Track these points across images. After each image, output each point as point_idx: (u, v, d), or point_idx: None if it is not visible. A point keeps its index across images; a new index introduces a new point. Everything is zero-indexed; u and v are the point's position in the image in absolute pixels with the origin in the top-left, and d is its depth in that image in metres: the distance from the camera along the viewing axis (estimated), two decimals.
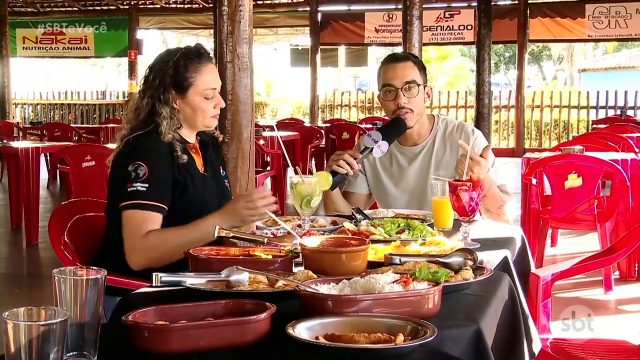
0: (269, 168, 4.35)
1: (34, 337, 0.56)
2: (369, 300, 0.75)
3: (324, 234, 1.11)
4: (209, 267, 0.93)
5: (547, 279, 1.27)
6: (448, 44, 9.52)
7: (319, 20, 8.58)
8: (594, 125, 6.20)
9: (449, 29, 8.12)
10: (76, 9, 9.12)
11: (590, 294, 2.51)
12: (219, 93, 1.30)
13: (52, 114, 9.89)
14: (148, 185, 1.20)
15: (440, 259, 0.92)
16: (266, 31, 9.50)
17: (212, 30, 8.10)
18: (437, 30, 8.12)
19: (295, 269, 0.96)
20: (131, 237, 1.19)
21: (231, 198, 1.41)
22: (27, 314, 0.58)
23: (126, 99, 9.20)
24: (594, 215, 2.56)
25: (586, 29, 7.66)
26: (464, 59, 15.96)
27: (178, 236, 1.20)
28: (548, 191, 2.82)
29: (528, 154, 3.29)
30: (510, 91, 8.66)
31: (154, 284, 0.84)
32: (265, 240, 1.08)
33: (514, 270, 1.11)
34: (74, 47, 9.25)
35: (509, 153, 7.77)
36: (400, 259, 0.93)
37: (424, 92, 1.56)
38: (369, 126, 5.48)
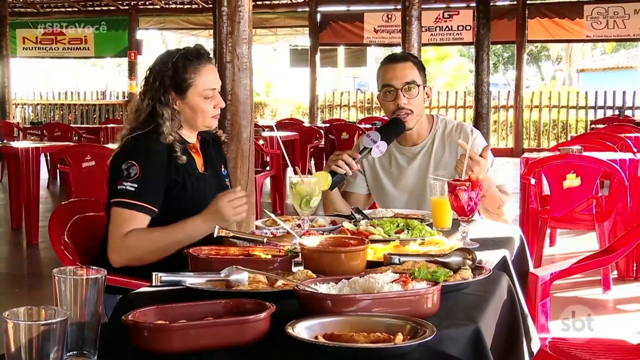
0: (268, 168, 4.35)
1: (34, 337, 0.56)
2: (368, 299, 0.76)
3: (323, 234, 1.11)
4: (209, 266, 0.93)
5: (545, 278, 1.27)
6: (447, 45, 9.52)
7: (318, 20, 8.58)
8: (593, 126, 6.22)
9: (447, 29, 8.12)
10: (76, 9, 9.11)
11: (588, 293, 2.51)
12: (218, 93, 1.30)
13: (52, 114, 9.88)
14: (137, 185, 1.20)
15: (439, 259, 0.93)
16: (265, 31, 9.50)
17: (211, 31, 8.10)
18: (436, 31, 8.13)
19: (294, 269, 0.97)
20: (113, 235, 1.20)
21: None
22: (27, 314, 0.58)
23: (126, 99, 9.20)
24: (592, 215, 2.56)
25: (585, 30, 7.67)
26: (462, 59, 15.97)
27: (161, 236, 1.20)
28: (547, 191, 2.82)
29: (527, 154, 3.31)
30: (509, 91, 8.65)
31: (153, 284, 0.84)
32: (265, 240, 1.08)
33: (512, 270, 1.12)
34: (73, 48, 9.24)
35: (507, 153, 7.78)
36: (399, 259, 0.93)
37: (423, 92, 1.56)
38: (368, 126, 5.48)
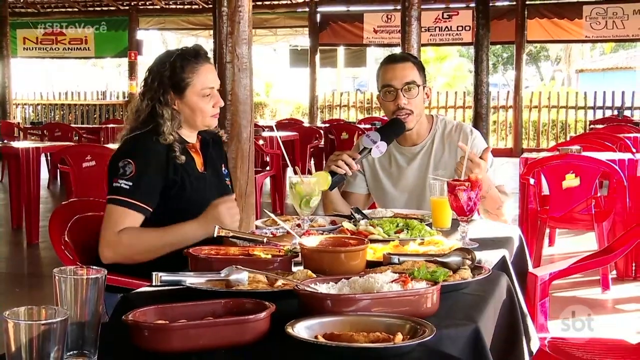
0: (268, 168, 4.36)
1: (34, 336, 0.56)
2: (368, 299, 0.76)
3: (323, 234, 1.11)
4: (209, 266, 0.93)
5: (544, 278, 1.27)
6: (446, 45, 9.53)
7: (318, 21, 8.59)
8: (592, 126, 6.23)
9: (447, 29, 8.13)
10: (76, 9, 9.12)
11: (587, 293, 2.51)
12: (217, 92, 1.30)
13: (52, 114, 9.89)
14: (132, 183, 1.20)
15: (439, 259, 0.93)
16: (265, 32, 9.50)
17: (211, 31, 8.10)
18: (436, 31, 8.13)
19: (294, 269, 0.97)
20: (106, 231, 1.20)
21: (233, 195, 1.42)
22: (27, 313, 0.58)
23: (126, 99, 9.20)
24: (591, 215, 2.57)
25: (583, 30, 7.68)
26: (462, 59, 15.98)
27: (156, 237, 1.20)
28: (546, 191, 2.83)
29: (526, 154, 3.31)
30: (508, 91, 8.66)
31: (154, 283, 0.85)
32: (265, 239, 1.09)
33: (512, 270, 1.12)
34: (74, 48, 9.24)
35: (507, 153, 7.79)
36: (399, 259, 0.93)
37: (423, 92, 1.56)
38: (367, 126, 5.48)
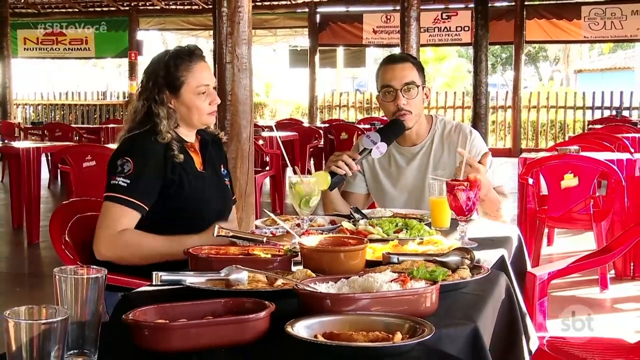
0: (268, 168, 4.36)
1: (35, 336, 0.56)
2: (367, 298, 0.76)
3: (322, 233, 1.11)
4: (209, 266, 0.93)
5: (543, 277, 1.28)
6: (445, 45, 9.55)
7: (318, 21, 8.59)
8: (590, 126, 6.24)
9: (446, 30, 8.14)
10: (77, 10, 9.12)
11: (586, 292, 2.52)
12: (213, 90, 1.30)
13: (53, 114, 9.89)
14: (130, 181, 1.20)
15: (438, 258, 0.93)
16: (265, 32, 9.51)
17: (211, 32, 8.10)
18: (435, 32, 8.14)
19: (294, 268, 0.97)
20: (105, 228, 1.20)
21: (232, 196, 1.42)
22: (28, 313, 0.58)
23: (126, 99, 9.20)
24: (589, 215, 2.57)
25: (582, 30, 7.69)
26: (461, 60, 15.99)
27: (154, 244, 1.20)
28: (544, 191, 2.83)
29: (525, 154, 3.31)
30: (507, 92, 8.67)
31: (154, 283, 0.85)
32: (265, 239, 1.09)
33: (510, 269, 1.12)
34: (74, 48, 9.24)
35: (505, 153, 7.80)
36: (398, 258, 0.93)
37: (422, 93, 1.56)
38: (367, 126, 5.48)
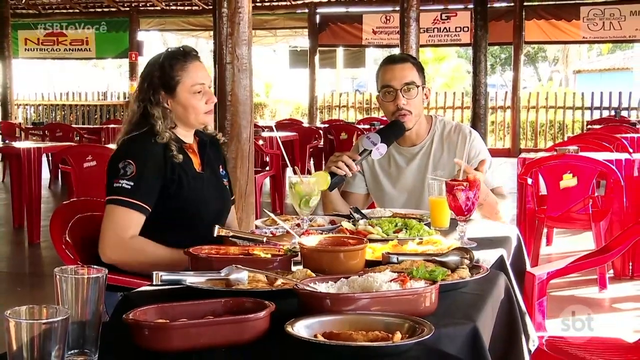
0: (268, 168, 4.36)
1: (35, 336, 0.56)
2: (367, 298, 0.76)
3: (322, 233, 1.11)
4: (209, 265, 0.93)
5: (542, 277, 1.28)
6: (445, 46, 9.57)
7: (318, 22, 8.60)
8: (589, 126, 6.24)
9: (445, 30, 8.15)
10: (77, 10, 9.12)
11: (585, 292, 2.52)
12: (210, 90, 1.30)
13: (53, 114, 9.89)
14: (133, 183, 1.21)
15: (437, 258, 0.93)
16: (265, 33, 9.51)
17: (211, 32, 8.09)
18: (434, 32, 8.15)
19: (294, 268, 0.97)
20: (113, 232, 1.20)
21: (231, 196, 1.42)
22: (29, 313, 0.58)
23: (127, 99, 9.21)
24: (588, 215, 2.57)
25: (581, 31, 7.70)
26: (460, 60, 16.00)
27: (159, 253, 1.20)
28: (543, 191, 2.84)
29: (524, 154, 3.32)
30: (506, 92, 8.67)
31: (154, 283, 0.85)
32: (265, 239, 1.09)
33: (510, 269, 1.12)
34: (75, 49, 9.24)
35: (504, 153, 7.81)
36: (397, 258, 0.93)
37: (422, 93, 1.57)
38: (366, 127, 5.49)
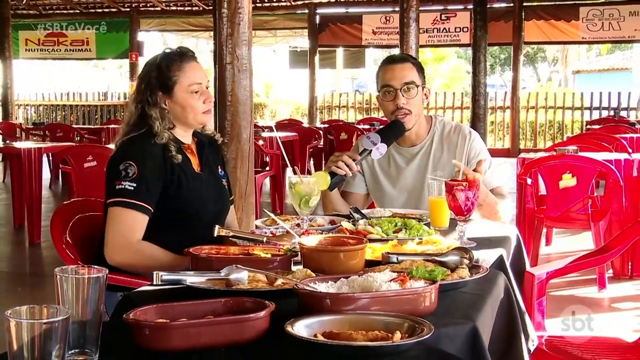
0: (268, 168, 4.36)
1: (36, 335, 0.56)
2: (367, 298, 0.76)
3: (322, 233, 1.12)
4: (209, 265, 0.93)
5: (541, 277, 1.28)
6: (444, 46, 9.57)
7: (317, 22, 8.60)
8: (588, 126, 6.25)
9: (445, 31, 8.15)
10: (78, 11, 9.12)
11: (584, 292, 2.52)
12: (207, 89, 1.30)
13: (54, 114, 9.90)
14: (136, 184, 1.21)
15: (437, 258, 0.93)
16: (265, 33, 9.51)
17: (212, 32, 8.08)
18: (434, 33, 8.15)
19: (294, 268, 0.97)
20: (119, 235, 1.20)
21: (230, 197, 1.42)
22: (29, 312, 0.58)
23: (127, 100, 9.20)
24: (588, 215, 2.58)
25: (580, 31, 7.71)
26: (460, 60, 16.01)
27: (164, 258, 1.21)
28: (543, 191, 2.84)
29: (523, 154, 3.32)
30: (506, 92, 8.68)
31: (154, 282, 0.85)
32: (265, 239, 1.09)
33: (509, 269, 1.13)
34: (75, 49, 9.25)
35: (504, 153, 7.81)
36: (397, 258, 0.93)
37: (422, 93, 1.57)
38: (366, 127, 5.49)
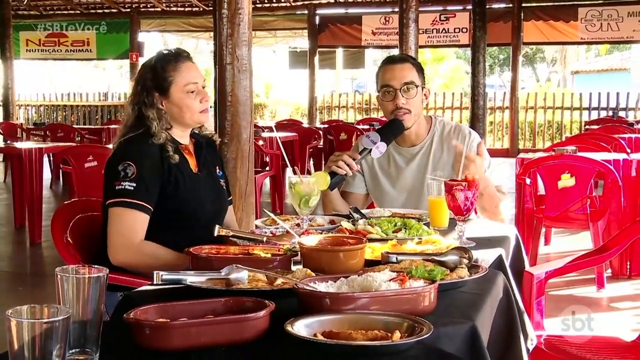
0: (268, 168, 4.36)
1: (37, 335, 0.56)
2: (366, 297, 0.76)
3: (322, 233, 1.12)
4: (209, 265, 0.94)
5: (540, 277, 1.29)
6: (443, 47, 9.58)
7: (317, 23, 8.61)
8: (587, 126, 6.26)
9: (444, 31, 8.16)
10: (78, 11, 9.12)
11: (583, 291, 2.53)
12: (203, 89, 1.30)
13: (55, 115, 9.90)
14: (135, 184, 1.21)
15: (436, 258, 0.94)
16: (265, 34, 9.51)
17: (212, 33, 8.06)
18: (433, 33, 8.16)
19: (293, 267, 0.98)
20: (122, 236, 1.20)
21: (228, 197, 1.43)
22: (30, 312, 0.59)
23: (127, 100, 9.18)
24: (586, 215, 2.58)
25: (579, 32, 7.72)
26: (459, 61, 16.02)
27: (167, 256, 1.21)
28: (542, 191, 2.84)
29: (522, 155, 3.32)
30: (505, 93, 8.68)
31: (155, 282, 0.85)
32: (265, 239, 1.10)
33: (508, 269, 1.13)
34: (76, 50, 9.25)
35: (503, 153, 7.82)
36: (396, 258, 0.94)
37: (422, 93, 1.57)
38: (366, 127, 5.49)
